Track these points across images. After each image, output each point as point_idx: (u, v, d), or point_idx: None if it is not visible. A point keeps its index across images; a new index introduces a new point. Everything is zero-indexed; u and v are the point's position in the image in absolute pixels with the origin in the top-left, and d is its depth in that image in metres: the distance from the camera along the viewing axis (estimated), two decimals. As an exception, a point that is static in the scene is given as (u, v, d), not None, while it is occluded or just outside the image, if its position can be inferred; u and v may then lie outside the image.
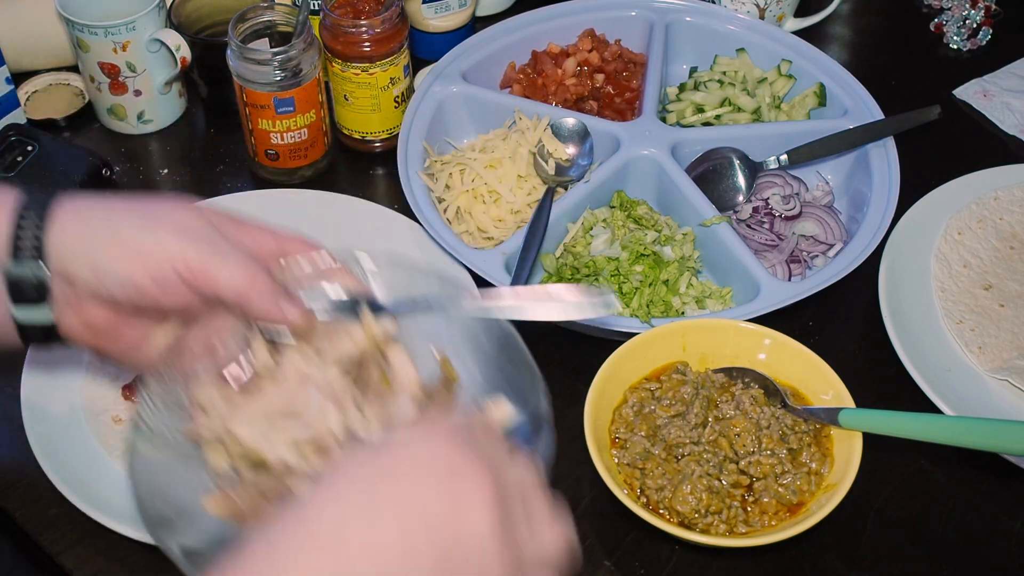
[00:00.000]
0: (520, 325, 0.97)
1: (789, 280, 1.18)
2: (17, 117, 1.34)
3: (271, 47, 1.25)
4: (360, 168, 1.34)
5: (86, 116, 1.38)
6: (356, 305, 0.80)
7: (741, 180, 1.25)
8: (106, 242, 0.75)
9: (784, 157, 1.25)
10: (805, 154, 1.25)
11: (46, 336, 0.79)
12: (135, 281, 0.75)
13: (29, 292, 0.76)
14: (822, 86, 1.33)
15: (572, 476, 1.04)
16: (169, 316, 0.80)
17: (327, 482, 0.60)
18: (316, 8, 1.31)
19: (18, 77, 1.37)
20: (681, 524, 0.94)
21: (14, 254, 0.75)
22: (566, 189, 1.22)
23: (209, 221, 0.78)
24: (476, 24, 1.47)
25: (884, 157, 1.23)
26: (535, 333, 1.16)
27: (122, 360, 0.82)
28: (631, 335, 1.04)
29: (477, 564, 0.59)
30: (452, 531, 0.59)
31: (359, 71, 1.26)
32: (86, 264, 0.75)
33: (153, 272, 0.75)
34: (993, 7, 1.54)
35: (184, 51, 1.28)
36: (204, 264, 0.75)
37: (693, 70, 1.40)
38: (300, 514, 0.59)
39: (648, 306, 1.12)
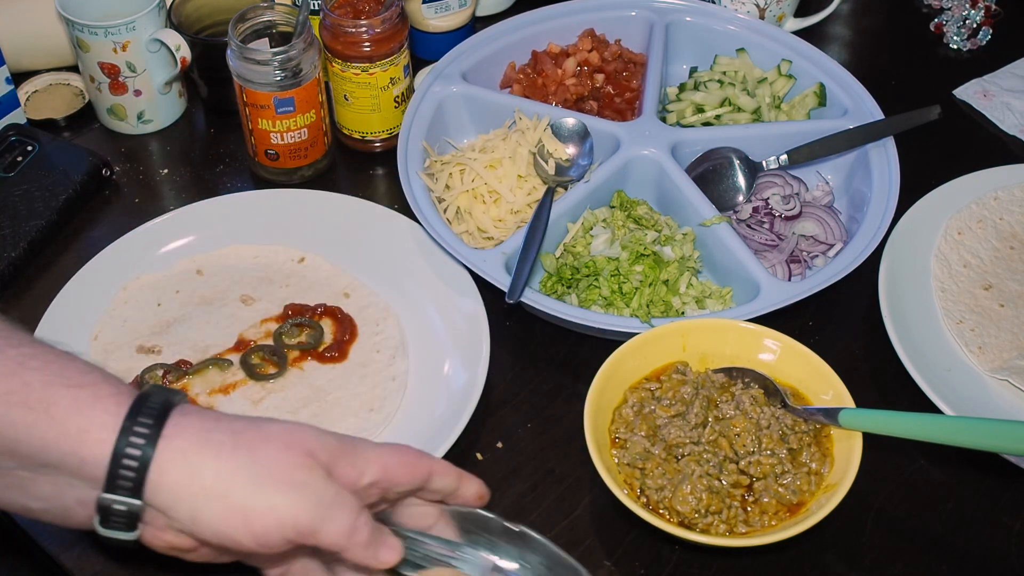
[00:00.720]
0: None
1: (789, 280, 1.18)
2: (17, 117, 1.34)
3: (271, 47, 1.25)
4: (360, 168, 1.34)
5: (86, 116, 1.38)
6: (469, 563, 0.79)
7: (741, 180, 1.25)
8: (213, 502, 0.73)
9: (784, 157, 1.25)
10: (805, 154, 1.25)
11: (123, 545, 0.77)
12: (236, 539, 0.74)
13: (119, 520, 0.74)
14: (822, 86, 1.33)
15: (572, 476, 1.04)
16: None
17: None
18: (316, 8, 1.31)
19: (18, 77, 1.38)
20: (681, 524, 0.94)
21: (110, 486, 0.72)
22: (566, 189, 1.22)
23: (318, 464, 0.76)
24: (476, 24, 1.47)
25: (884, 157, 1.23)
26: (535, 333, 1.17)
27: (196, 562, 0.81)
28: (631, 335, 1.04)
29: None
30: None
31: (359, 71, 1.26)
32: (187, 515, 0.73)
33: (258, 534, 0.73)
34: (993, 7, 1.54)
35: (184, 51, 1.28)
36: (311, 525, 0.74)
37: (693, 70, 1.40)
38: None
39: (648, 306, 1.12)
